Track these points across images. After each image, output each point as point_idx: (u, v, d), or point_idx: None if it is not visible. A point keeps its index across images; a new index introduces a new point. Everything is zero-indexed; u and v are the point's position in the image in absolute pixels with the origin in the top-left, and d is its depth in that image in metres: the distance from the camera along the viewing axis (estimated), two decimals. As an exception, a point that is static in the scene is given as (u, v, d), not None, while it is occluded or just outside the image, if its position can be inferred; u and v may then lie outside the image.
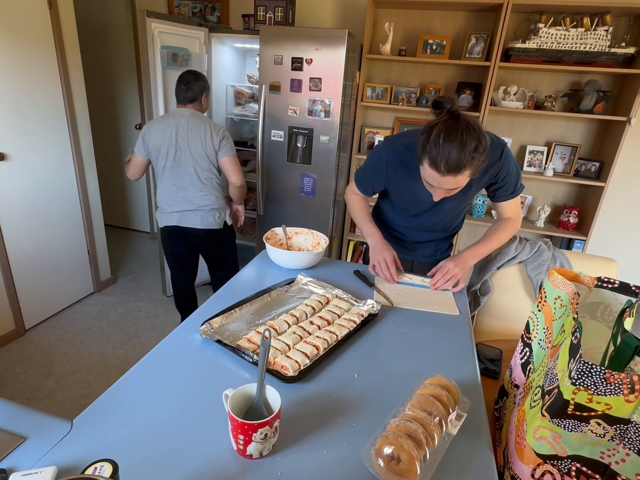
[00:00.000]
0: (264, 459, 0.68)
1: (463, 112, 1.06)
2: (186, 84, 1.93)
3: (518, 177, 1.31)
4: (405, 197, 1.41)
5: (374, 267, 1.35)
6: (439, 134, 1.03)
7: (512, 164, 1.28)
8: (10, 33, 2.06)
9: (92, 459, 0.59)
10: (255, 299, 1.12)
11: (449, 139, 1.02)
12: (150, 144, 1.93)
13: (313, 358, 0.90)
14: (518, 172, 1.30)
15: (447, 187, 1.11)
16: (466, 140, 1.01)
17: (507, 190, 1.32)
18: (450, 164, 1.03)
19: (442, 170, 1.05)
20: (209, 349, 0.94)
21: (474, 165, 1.05)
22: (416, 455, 0.63)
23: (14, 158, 2.19)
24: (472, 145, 1.01)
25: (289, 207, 2.67)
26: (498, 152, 1.24)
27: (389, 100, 2.74)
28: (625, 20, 2.35)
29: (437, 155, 1.04)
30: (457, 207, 1.40)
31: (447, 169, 1.04)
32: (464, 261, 1.31)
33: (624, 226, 2.79)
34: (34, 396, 1.98)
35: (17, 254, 2.28)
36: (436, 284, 1.30)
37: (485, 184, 1.32)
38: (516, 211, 1.39)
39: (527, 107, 2.53)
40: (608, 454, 0.58)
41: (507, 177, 1.28)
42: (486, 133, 1.09)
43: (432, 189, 1.17)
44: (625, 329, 0.65)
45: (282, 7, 2.40)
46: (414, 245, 1.56)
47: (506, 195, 1.33)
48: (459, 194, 1.29)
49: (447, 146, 1.02)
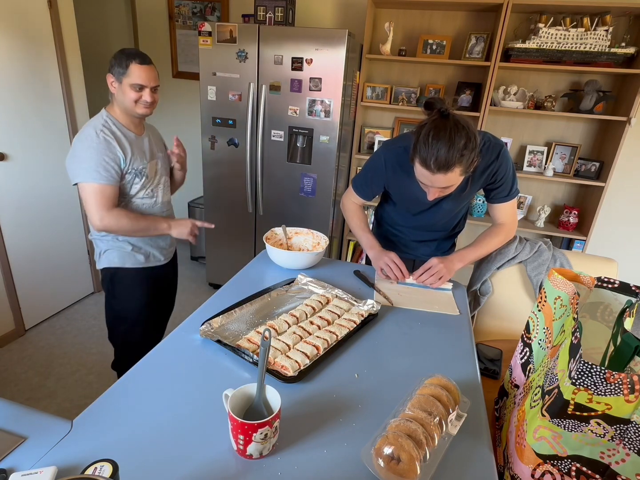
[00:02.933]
0: (264, 459, 0.68)
1: (453, 112, 1.08)
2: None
3: (514, 179, 1.31)
4: (405, 197, 1.41)
5: (382, 271, 1.35)
6: (428, 133, 1.05)
7: (509, 166, 1.28)
8: (10, 33, 2.06)
9: (92, 459, 0.59)
10: (255, 299, 1.12)
11: (437, 137, 1.04)
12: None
13: (313, 358, 0.90)
14: (514, 175, 1.31)
15: (439, 185, 1.11)
16: (455, 138, 1.03)
17: (503, 192, 1.32)
18: (440, 162, 1.04)
19: (432, 169, 1.06)
20: (209, 349, 0.94)
21: (464, 162, 1.06)
22: (416, 455, 0.63)
23: (14, 158, 2.19)
24: (461, 143, 1.03)
25: (289, 207, 2.67)
26: (496, 152, 1.25)
27: (389, 100, 2.74)
28: (625, 20, 2.35)
29: (426, 154, 1.06)
30: (455, 207, 1.40)
31: (437, 167, 1.05)
32: (450, 262, 1.32)
33: (624, 226, 2.79)
34: (34, 396, 1.98)
35: (17, 253, 2.28)
36: (419, 278, 1.31)
37: (483, 184, 1.32)
38: (511, 216, 1.39)
39: (527, 107, 2.53)
40: (608, 454, 0.58)
41: (504, 178, 1.29)
42: (480, 132, 1.10)
43: (426, 188, 1.18)
44: (625, 329, 0.65)
45: (282, 7, 2.40)
46: (416, 245, 1.57)
47: (502, 198, 1.33)
48: (456, 194, 1.29)
49: (435, 144, 1.04)
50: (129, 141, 1.40)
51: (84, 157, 1.31)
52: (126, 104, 1.38)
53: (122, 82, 1.35)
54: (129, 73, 1.33)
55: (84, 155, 1.31)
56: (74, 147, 1.34)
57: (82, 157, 1.31)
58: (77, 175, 1.32)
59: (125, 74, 1.34)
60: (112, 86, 1.39)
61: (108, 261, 1.49)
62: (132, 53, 1.35)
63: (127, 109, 1.39)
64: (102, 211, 1.33)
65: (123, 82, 1.35)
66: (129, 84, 1.34)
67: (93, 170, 1.30)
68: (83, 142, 1.32)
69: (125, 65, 1.33)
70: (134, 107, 1.38)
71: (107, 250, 1.49)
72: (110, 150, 1.33)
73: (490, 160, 1.25)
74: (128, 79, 1.34)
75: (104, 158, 1.31)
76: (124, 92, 1.36)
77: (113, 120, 1.39)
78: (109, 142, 1.33)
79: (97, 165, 1.30)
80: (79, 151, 1.32)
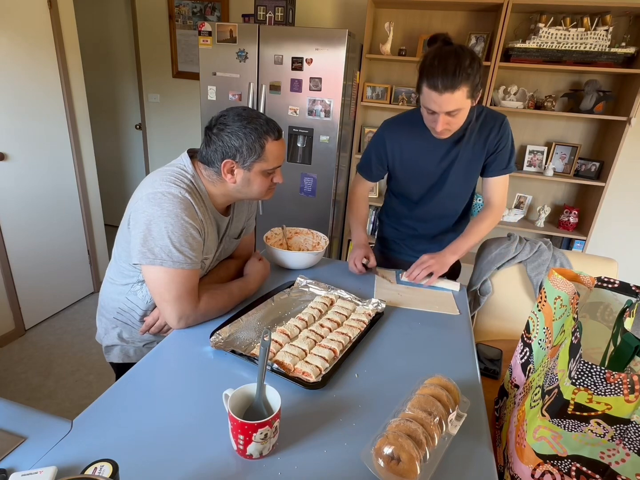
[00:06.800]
0: (264, 459, 0.68)
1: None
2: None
3: (512, 153, 1.34)
4: (408, 171, 1.43)
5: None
6: (434, 57, 1.11)
7: (510, 137, 1.32)
8: (10, 33, 2.06)
9: (92, 459, 0.59)
10: (259, 305, 1.10)
11: (443, 58, 1.10)
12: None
13: (332, 362, 0.90)
14: (513, 150, 1.34)
15: (447, 107, 1.13)
16: (460, 57, 1.09)
17: (501, 163, 1.34)
18: (446, 80, 1.08)
19: (439, 88, 1.10)
20: (208, 349, 0.93)
21: (470, 82, 1.10)
22: (416, 455, 0.63)
23: (14, 158, 2.19)
24: (467, 62, 1.08)
25: (289, 207, 2.67)
26: (499, 120, 1.30)
27: (389, 100, 2.74)
28: (625, 20, 2.35)
29: (433, 73, 1.10)
30: (460, 181, 1.39)
31: (444, 86, 1.09)
32: (441, 256, 1.32)
33: (624, 226, 2.79)
34: (34, 396, 1.98)
35: (17, 253, 2.28)
36: (411, 274, 1.31)
37: (486, 154, 1.33)
38: (501, 195, 1.39)
39: (527, 107, 2.53)
40: (608, 454, 0.58)
41: (505, 149, 1.32)
42: (481, 106, 1.24)
43: (434, 118, 1.19)
44: (625, 329, 0.65)
45: (282, 7, 2.40)
46: (421, 244, 1.55)
47: (498, 170, 1.35)
48: (460, 165, 1.34)
49: (442, 64, 1.09)
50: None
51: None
52: (253, 194, 1.05)
53: (253, 168, 0.99)
54: (265, 156, 0.99)
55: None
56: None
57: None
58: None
59: (260, 158, 0.98)
60: (229, 175, 1.00)
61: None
62: (264, 123, 0.98)
63: (248, 196, 1.06)
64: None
65: (254, 168, 0.99)
66: (261, 170, 1.00)
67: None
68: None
69: (261, 145, 0.97)
70: (263, 195, 1.06)
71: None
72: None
73: (491, 127, 1.30)
74: (262, 164, 0.99)
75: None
76: (252, 181, 1.02)
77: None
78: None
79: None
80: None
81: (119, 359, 1.15)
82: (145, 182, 1.00)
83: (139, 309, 1.11)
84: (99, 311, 1.20)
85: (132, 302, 1.10)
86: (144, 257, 0.94)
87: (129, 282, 1.08)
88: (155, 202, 0.93)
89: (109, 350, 1.17)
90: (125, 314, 1.12)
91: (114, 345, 1.16)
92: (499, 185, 1.37)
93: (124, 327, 1.14)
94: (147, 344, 1.15)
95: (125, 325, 1.14)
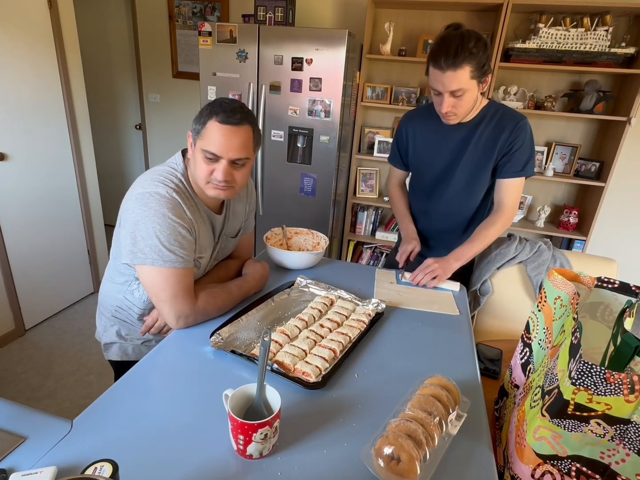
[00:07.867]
0: (264, 459, 0.68)
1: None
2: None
3: (531, 156, 1.31)
4: (419, 160, 1.47)
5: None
6: (442, 39, 1.15)
7: (528, 139, 1.29)
8: (10, 33, 2.06)
9: (92, 459, 0.59)
10: (259, 305, 1.10)
11: (448, 38, 1.14)
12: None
13: (332, 362, 0.90)
14: (532, 154, 1.31)
15: (450, 86, 1.15)
16: (465, 38, 1.11)
17: (515, 165, 1.31)
18: (449, 58, 1.11)
19: (442, 66, 1.12)
20: (208, 349, 0.93)
21: (474, 62, 1.12)
22: (416, 455, 0.63)
23: (14, 158, 2.19)
24: (471, 42, 1.10)
25: (289, 207, 2.67)
26: (515, 121, 1.29)
27: (389, 100, 2.74)
28: (625, 20, 2.35)
29: (437, 51, 1.13)
30: (467, 177, 1.38)
31: (447, 64, 1.11)
32: (445, 262, 1.32)
33: (624, 226, 2.79)
34: (34, 396, 1.98)
35: (17, 253, 2.28)
36: (415, 278, 1.31)
37: (497, 154, 1.31)
38: (513, 199, 1.35)
39: (527, 107, 2.53)
40: (608, 454, 0.58)
41: (520, 151, 1.29)
42: (502, 105, 1.31)
43: (440, 100, 1.22)
44: (625, 329, 0.65)
45: (282, 7, 2.40)
46: (430, 242, 1.57)
47: (512, 172, 1.32)
48: (468, 157, 1.34)
49: (447, 42, 1.12)
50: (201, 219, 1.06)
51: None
52: (197, 179, 1.01)
53: (196, 144, 0.97)
54: (203, 133, 0.95)
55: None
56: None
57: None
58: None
59: (199, 134, 0.96)
60: (190, 147, 1.02)
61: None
62: (219, 104, 0.95)
63: (198, 185, 1.02)
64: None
65: (197, 144, 0.97)
66: (201, 149, 0.96)
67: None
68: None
69: (203, 121, 0.95)
70: (204, 185, 1.00)
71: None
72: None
73: (505, 127, 1.29)
74: (200, 142, 0.96)
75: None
76: (196, 160, 0.98)
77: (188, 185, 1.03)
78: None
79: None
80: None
81: (118, 356, 1.16)
82: (137, 182, 1.01)
83: (137, 307, 1.12)
84: (98, 309, 1.22)
85: (130, 300, 1.11)
86: (135, 257, 0.95)
87: (127, 280, 1.09)
88: (143, 202, 0.94)
89: (108, 348, 1.18)
90: (123, 312, 1.13)
91: (112, 342, 1.17)
92: (511, 188, 1.34)
93: (122, 325, 1.15)
94: (145, 342, 1.16)
95: (123, 323, 1.15)
